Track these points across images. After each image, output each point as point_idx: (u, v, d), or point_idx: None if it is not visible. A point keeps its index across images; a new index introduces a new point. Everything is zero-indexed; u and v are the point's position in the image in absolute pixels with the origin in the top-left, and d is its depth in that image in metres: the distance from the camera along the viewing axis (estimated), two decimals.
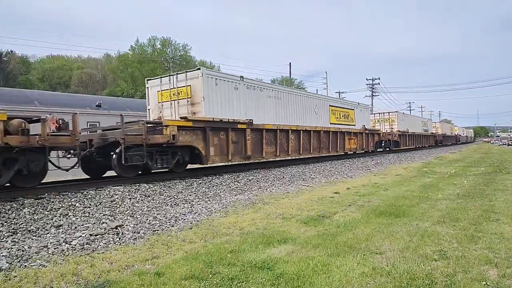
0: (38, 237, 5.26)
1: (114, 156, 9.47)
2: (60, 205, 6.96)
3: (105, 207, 7.13)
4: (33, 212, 6.46)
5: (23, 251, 4.56)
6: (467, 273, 3.66)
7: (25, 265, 4.07)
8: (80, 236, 5.24)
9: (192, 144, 11.23)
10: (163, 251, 4.58)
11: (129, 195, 8.21)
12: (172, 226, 5.92)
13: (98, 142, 9.72)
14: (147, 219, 6.33)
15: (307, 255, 4.25)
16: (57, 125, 7.70)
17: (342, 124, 21.66)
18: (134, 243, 4.96)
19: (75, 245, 4.83)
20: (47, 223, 5.90)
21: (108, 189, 8.65)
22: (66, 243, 4.90)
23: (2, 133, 6.74)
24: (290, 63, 58.42)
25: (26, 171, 7.50)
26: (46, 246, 4.77)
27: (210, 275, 3.69)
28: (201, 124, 11.45)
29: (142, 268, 3.96)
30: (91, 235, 5.28)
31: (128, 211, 6.92)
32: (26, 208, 6.62)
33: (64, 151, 9.23)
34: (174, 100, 12.43)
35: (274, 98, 15.43)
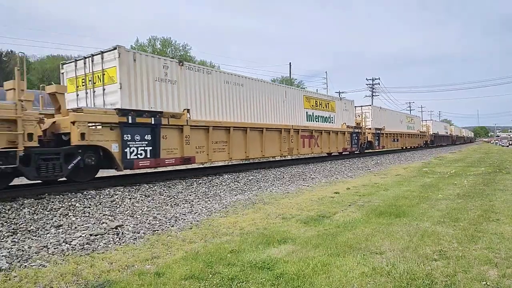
0: (38, 237, 5.26)
1: None
2: (60, 205, 6.96)
3: (105, 207, 7.13)
4: (33, 212, 6.46)
5: (23, 251, 4.56)
6: (467, 273, 3.65)
7: (25, 265, 4.06)
8: (80, 236, 5.24)
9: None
10: (163, 251, 4.58)
11: (129, 195, 8.22)
12: (172, 226, 5.92)
13: None
14: (147, 219, 6.33)
15: (307, 255, 4.25)
16: None
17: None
18: (134, 243, 4.96)
19: (75, 245, 4.83)
20: (47, 223, 5.90)
21: (108, 189, 8.66)
22: (66, 243, 4.90)
23: None
24: (290, 63, 58.54)
25: None
26: (46, 246, 4.77)
27: (210, 275, 3.69)
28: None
29: (142, 268, 3.96)
30: (91, 235, 5.28)
31: (128, 211, 6.91)
32: (26, 208, 6.62)
33: None
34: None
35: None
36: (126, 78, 9.59)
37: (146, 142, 9.61)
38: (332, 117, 20.38)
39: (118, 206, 7.30)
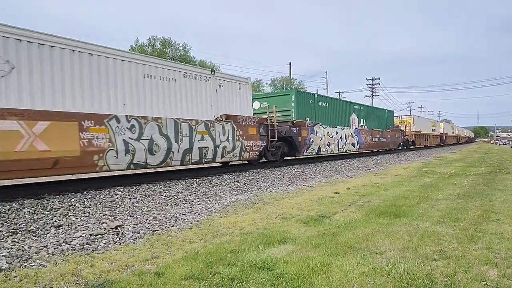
0: (38, 237, 5.26)
1: None
2: (60, 205, 6.96)
3: (105, 207, 7.13)
4: (33, 212, 6.46)
5: (23, 251, 4.56)
6: (467, 273, 3.65)
7: (25, 265, 4.06)
8: (80, 236, 5.24)
9: None
10: (163, 251, 4.58)
11: (129, 195, 8.22)
12: (172, 226, 5.92)
13: None
14: (147, 219, 6.33)
15: (307, 255, 4.25)
16: None
17: None
18: (134, 243, 4.96)
19: (75, 245, 4.83)
20: (47, 223, 5.90)
21: (108, 189, 8.66)
22: (66, 243, 4.90)
23: None
24: (290, 63, 58.47)
25: None
26: (46, 246, 4.77)
27: (210, 275, 3.69)
28: None
29: (142, 268, 3.96)
30: (91, 235, 5.28)
31: (128, 211, 6.92)
32: (26, 208, 6.62)
33: None
34: None
35: None
36: None
37: None
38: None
39: (118, 206, 7.30)
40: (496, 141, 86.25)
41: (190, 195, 8.67)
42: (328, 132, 19.74)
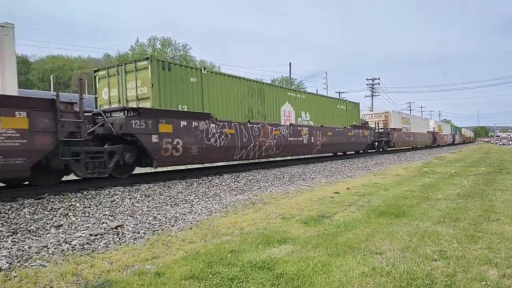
0: (38, 237, 5.26)
1: None
2: (60, 205, 6.96)
3: (105, 207, 7.13)
4: (33, 212, 6.46)
5: (23, 251, 4.56)
6: (467, 273, 3.65)
7: (25, 265, 4.06)
8: (80, 236, 5.24)
9: None
10: (163, 251, 4.58)
11: (129, 195, 8.21)
12: (172, 226, 5.92)
13: None
14: (147, 219, 6.33)
15: (307, 255, 4.25)
16: None
17: None
18: (134, 243, 4.96)
19: (75, 245, 4.83)
20: (47, 223, 5.90)
21: (108, 189, 8.65)
22: (66, 243, 4.90)
23: None
24: (290, 63, 58.32)
25: None
26: (46, 246, 4.77)
27: (210, 275, 3.69)
28: None
29: (142, 268, 3.96)
30: (91, 235, 5.28)
31: (128, 211, 6.91)
32: (26, 208, 6.62)
33: None
34: None
35: None
36: None
37: None
38: None
39: (118, 206, 7.30)
40: (496, 141, 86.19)
41: (190, 195, 8.67)
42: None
